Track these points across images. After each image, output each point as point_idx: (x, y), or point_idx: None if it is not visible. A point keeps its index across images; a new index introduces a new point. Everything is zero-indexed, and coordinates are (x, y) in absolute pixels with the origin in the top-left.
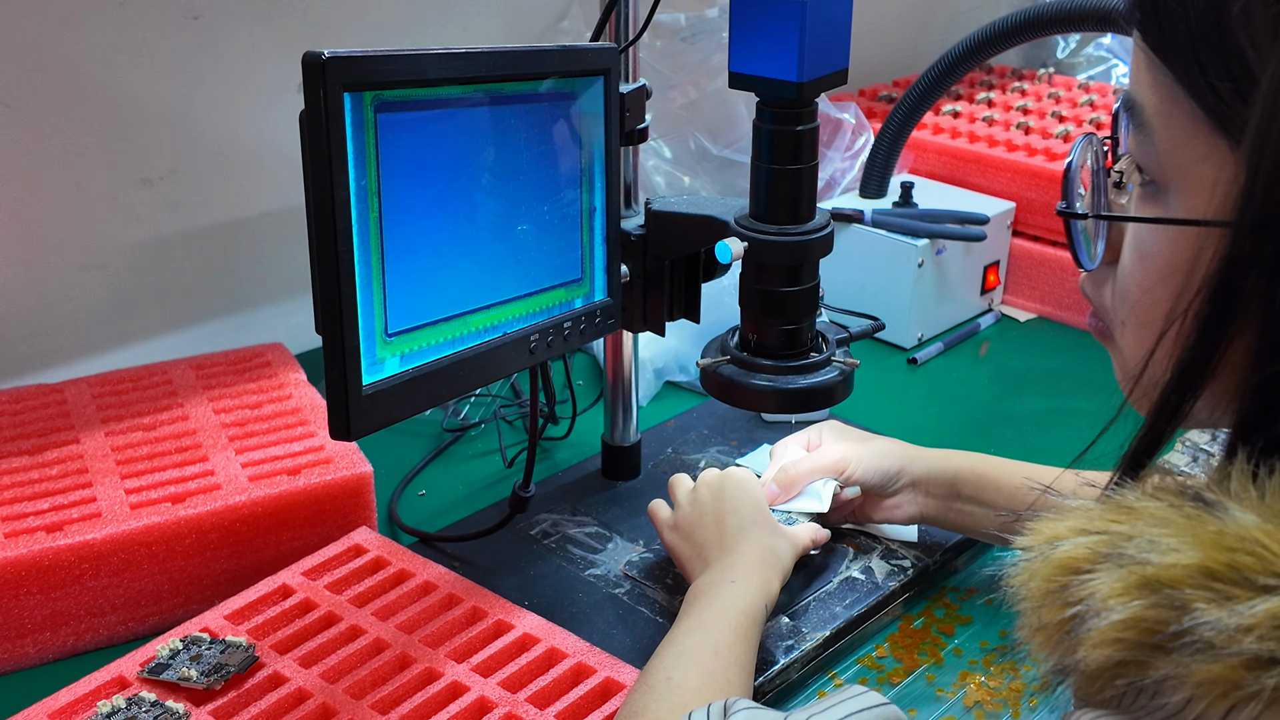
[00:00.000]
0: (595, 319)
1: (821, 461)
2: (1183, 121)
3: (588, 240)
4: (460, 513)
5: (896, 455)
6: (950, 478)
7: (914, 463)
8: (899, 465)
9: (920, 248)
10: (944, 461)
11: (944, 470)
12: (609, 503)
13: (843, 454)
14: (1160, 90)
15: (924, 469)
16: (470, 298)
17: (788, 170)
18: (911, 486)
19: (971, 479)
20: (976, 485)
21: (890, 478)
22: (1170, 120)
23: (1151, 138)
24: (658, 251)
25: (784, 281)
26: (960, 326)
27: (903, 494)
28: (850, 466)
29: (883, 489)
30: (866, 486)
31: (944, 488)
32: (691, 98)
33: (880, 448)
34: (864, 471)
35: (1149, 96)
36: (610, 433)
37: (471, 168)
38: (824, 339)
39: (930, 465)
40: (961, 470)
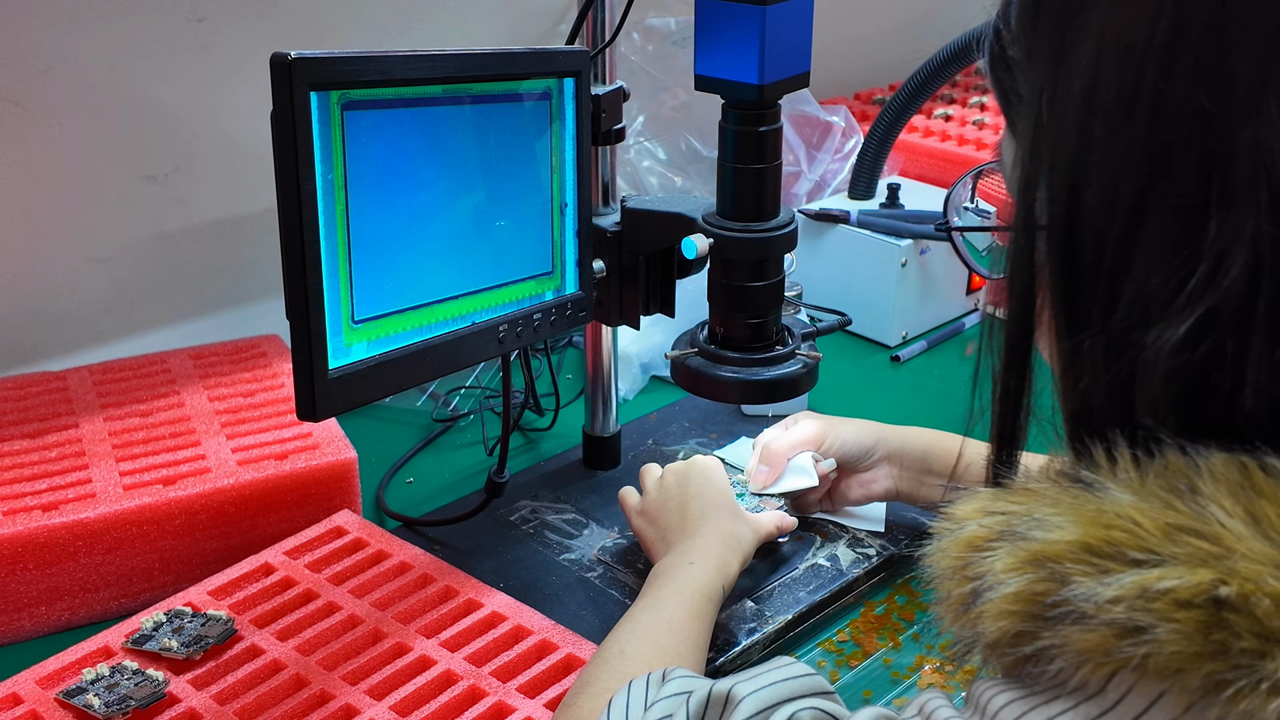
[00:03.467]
0: (566, 311)
1: (801, 435)
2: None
3: (559, 235)
4: (446, 500)
5: (871, 430)
6: (923, 453)
7: (888, 437)
8: (874, 439)
9: (904, 248)
10: (916, 437)
11: (917, 444)
12: (588, 491)
13: (820, 428)
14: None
15: (898, 443)
16: (439, 287)
17: (751, 169)
18: (886, 460)
19: (943, 454)
20: (946, 460)
21: (866, 451)
22: (1008, 144)
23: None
24: (632, 247)
25: (749, 276)
26: (944, 326)
27: (878, 468)
28: (828, 440)
29: (858, 463)
30: (843, 460)
31: (916, 462)
32: (682, 100)
33: (856, 425)
34: (841, 445)
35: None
36: (591, 423)
37: (440, 164)
38: (789, 333)
39: (904, 439)
40: (934, 446)
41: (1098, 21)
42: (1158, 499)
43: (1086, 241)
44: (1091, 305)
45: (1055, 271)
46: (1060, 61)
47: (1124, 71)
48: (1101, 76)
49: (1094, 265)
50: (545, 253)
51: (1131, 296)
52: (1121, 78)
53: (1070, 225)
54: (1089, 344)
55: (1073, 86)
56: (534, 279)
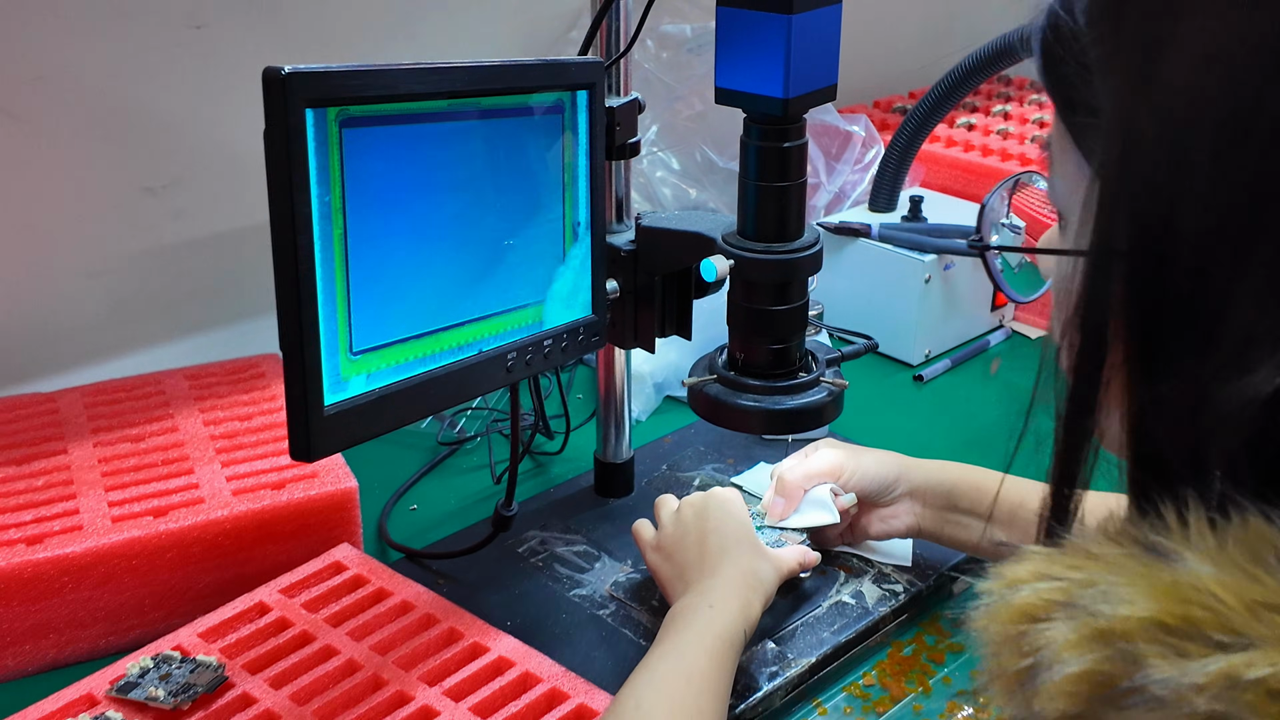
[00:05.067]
0: (578, 336)
1: (817, 466)
2: (1071, 155)
3: (572, 257)
4: (452, 527)
5: (894, 463)
6: (948, 489)
7: (911, 471)
8: (896, 473)
9: (927, 263)
10: (941, 472)
11: (941, 480)
12: (599, 520)
13: (839, 460)
14: (1058, 127)
15: (921, 477)
16: (443, 314)
17: (774, 187)
18: (909, 496)
19: (970, 490)
20: (974, 498)
21: (887, 486)
22: (1064, 155)
23: (1054, 172)
24: (648, 267)
25: (771, 300)
26: (969, 343)
27: (899, 504)
28: (847, 473)
29: (879, 497)
30: (863, 494)
31: (941, 499)
32: (698, 110)
33: (877, 456)
34: (860, 478)
35: (1054, 133)
36: (603, 449)
37: (445, 183)
38: (813, 358)
39: (928, 475)
40: (959, 482)
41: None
42: (1240, 571)
43: (1179, 277)
44: (1179, 348)
45: (1137, 309)
46: (1151, 71)
47: (1235, 87)
48: (1206, 91)
49: (1187, 304)
50: (557, 276)
51: (1232, 341)
52: (1232, 94)
53: (1160, 258)
54: (1171, 391)
55: (1169, 101)
56: (544, 303)
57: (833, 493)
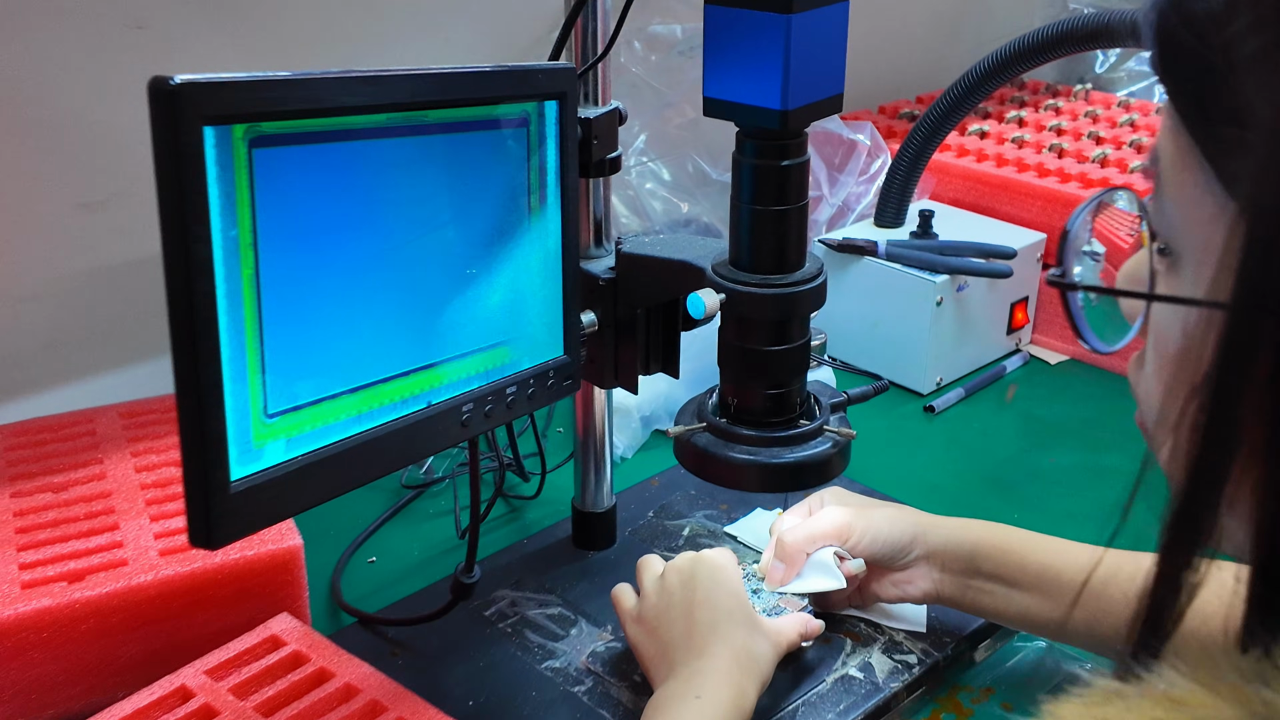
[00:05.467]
0: (548, 381)
1: (821, 527)
2: (1195, 175)
3: (539, 289)
4: (414, 583)
5: (908, 523)
6: (969, 551)
7: (928, 532)
8: (911, 534)
9: (939, 284)
10: (962, 532)
11: (962, 542)
12: (577, 577)
13: (846, 519)
14: (1176, 138)
15: (939, 540)
16: (382, 364)
17: (771, 212)
18: (925, 559)
19: (993, 553)
20: (999, 561)
21: (901, 549)
22: (1183, 173)
23: (1164, 193)
24: (629, 298)
25: (768, 339)
26: (984, 370)
27: (915, 568)
28: (855, 535)
29: (892, 561)
30: (874, 559)
31: (962, 562)
32: (689, 117)
33: (889, 514)
34: (870, 540)
35: (1166, 145)
36: (581, 497)
37: (385, 211)
38: (816, 402)
39: (947, 536)
40: (982, 542)
41: None
42: None
43: None
44: None
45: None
46: None
47: None
48: None
49: None
50: (521, 312)
51: None
52: None
53: None
54: None
55: None
56: (506, 344)
57: (838, 556)
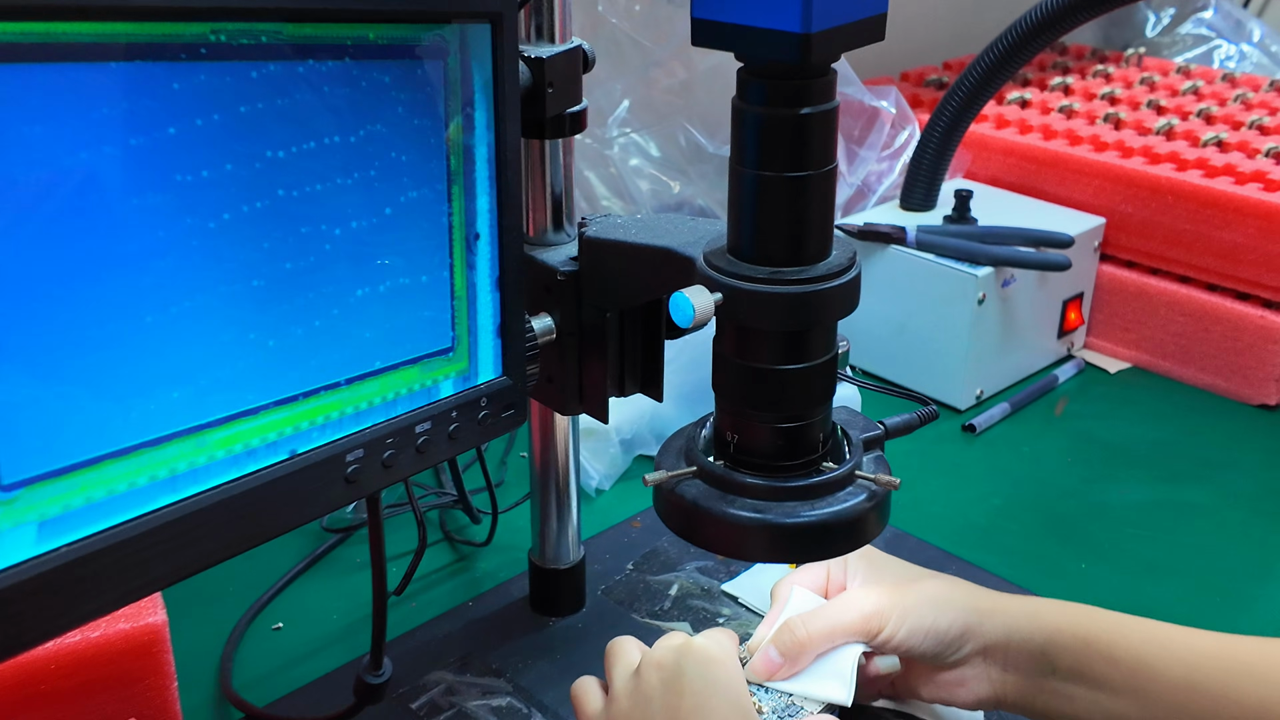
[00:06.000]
0: (479, 413)
1: (844, 618)
2: None
3: (463, 286)
4: (332, 657)
5: (959, 608)
6: (1041, 644)
7: (986, 620)
8: (963, 624)
9: (981, 278)
10: (1031, 619)
11: (1033, 633)
12: (534, 654)
13: (877, 605)
14: None
15: (1000, 630)
16: (211, 400)
17: (785, 181)
18: (982, 656)
19: (1073, 645)
20: (1080, 655)
21: (949, 643)
22: None
23: None
24: (597, 298)
25: (780, 354)
26: (1031, 380)
27: (969, 666)
28: (889, 625)
29: (938, 659)
30: (914, 655)
31: (1032, 659)
32: (681, 79)
33: (934, 593)
34: (909, 633)
35: None
36: (539, 550)
37: (194, 174)
38: (845, 438)
39: (1011, 625)
40: (1059, 632)
41: None
42: None
43: None
44: None
45: None
46: None
47: None
48: None
49: None
50: (439, 318)
51: None
52: None
53: None
54: None
55: None
56: (416, 363)
57: (863, 654)
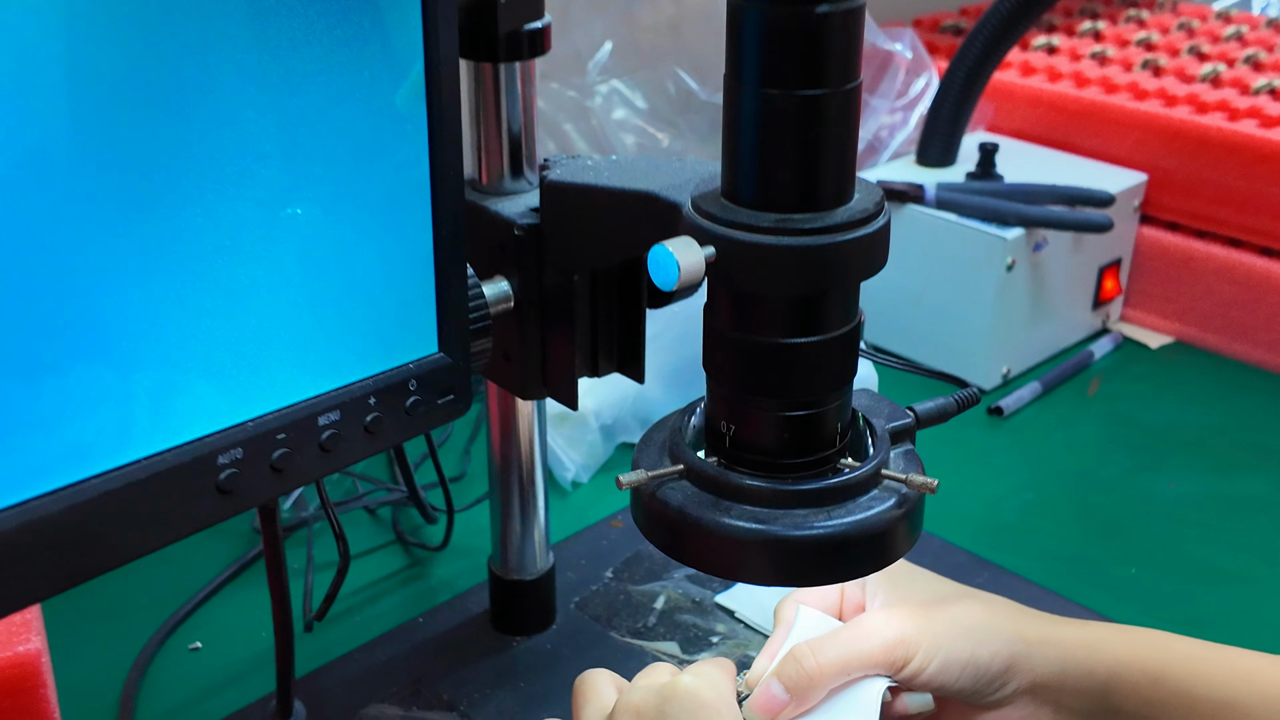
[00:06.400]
0: (409, 399)
1: (864, 647)
2: None
3: (393, 241)
4: (258, 685)
5: (1004, 636)
6: (1103, 682)
7: (1037, 651)
8: (1008, 656)
9: (1011, 241)
10: (1092, 651)
11: (1093, 668)
12: (493, 681)
13: (903, 631)
14: None
15: (1055, 664)
16: (31, 385)
17: (796, 101)
18: (1030, 695)
19: (1143, 683)
20: (1152, 696)
21: (991, 679)
22: None
23: None
24: (562, 257)
25: (789, 326)
26: (1064, 357)
27: (1013, 706)
28: (918, 656)
29: (977, 697)
30: (947, 692)
31: (1091, 700)
32: (669, 15)
33: (973, 618)
34: (943, 666)
35: None
36: (500, 559)
37: (65, 98)
38: (868, 429)
39: (1066, 658)
40: (1125, 667)
41: None
42: None
43: None
44: None
45: None
46: None
47: None
48: None
49: None
50: (353, 282)
51: None
52: None
53: None
54: None
55: None
56: (322, 340)
57: (887, 690)
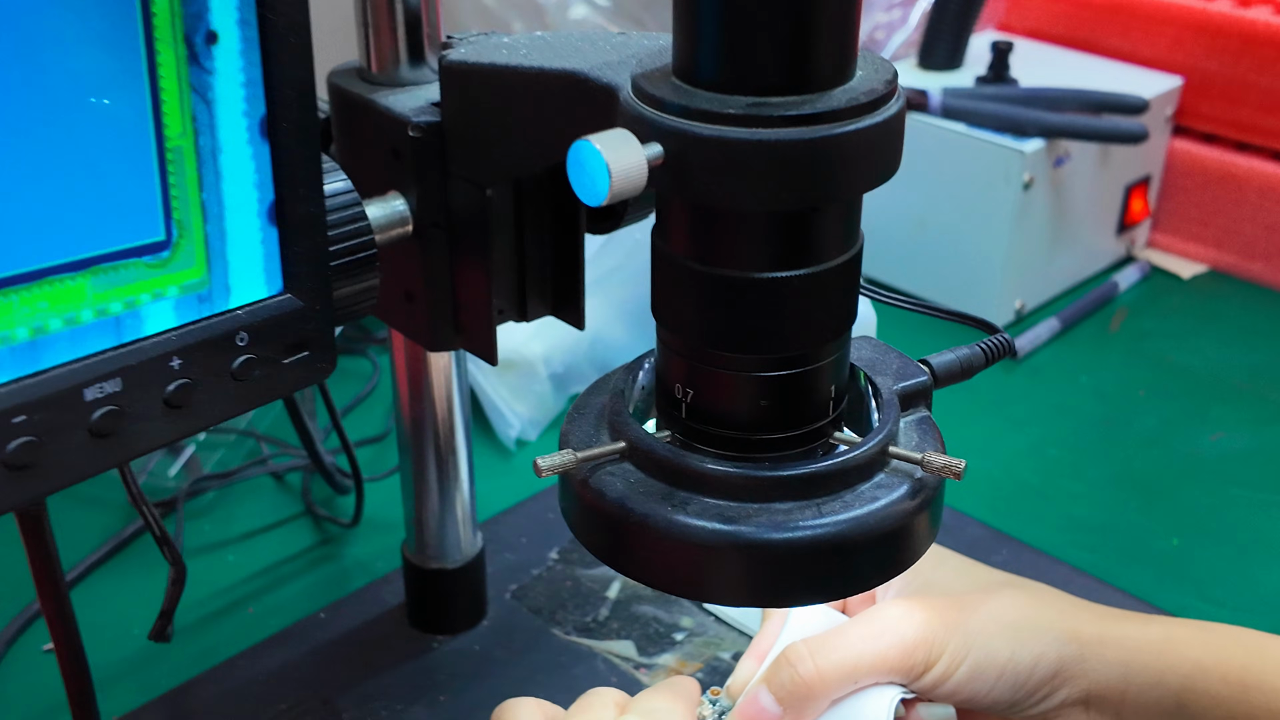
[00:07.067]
0: (239, 359)
1: (874, 648)
2: None
3: (186, 131)
4: (129, 693)
5: (1050, 635)
6: (1176, 691)
7: (1092, 654)
8: (1055, 659)
9: (1029, 155)
10: (1161, 653)
11: (1163, 673)
12: (406, 693)
13: (923, 630)
14: None
15: (1116, 670)
16: None
17: None
18: (1084, 707)
19: (1224, 693)
20: (1237, 708)
21: (1034, 687)
22: None
23: None
24: (469, 166)
25: (766, 254)
26: (1086, 288)
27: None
28: (943, 661)
29: (1015, 709)
30: (978, 705)
31: (1160, 713)
32: None
33: (1012, 612)
34: (973, 672)
35: None
36: (416, 543)
37: None
38: (871, 391)
39: (1130, 662)
40: (1203, 671)
41: None
42: None
43: None
44: None
45: None
46: None
47: None
48: None
49: None
50: (132, 188)
51: None
52: None
53: None
54: None
55: None
56: (89, 270)
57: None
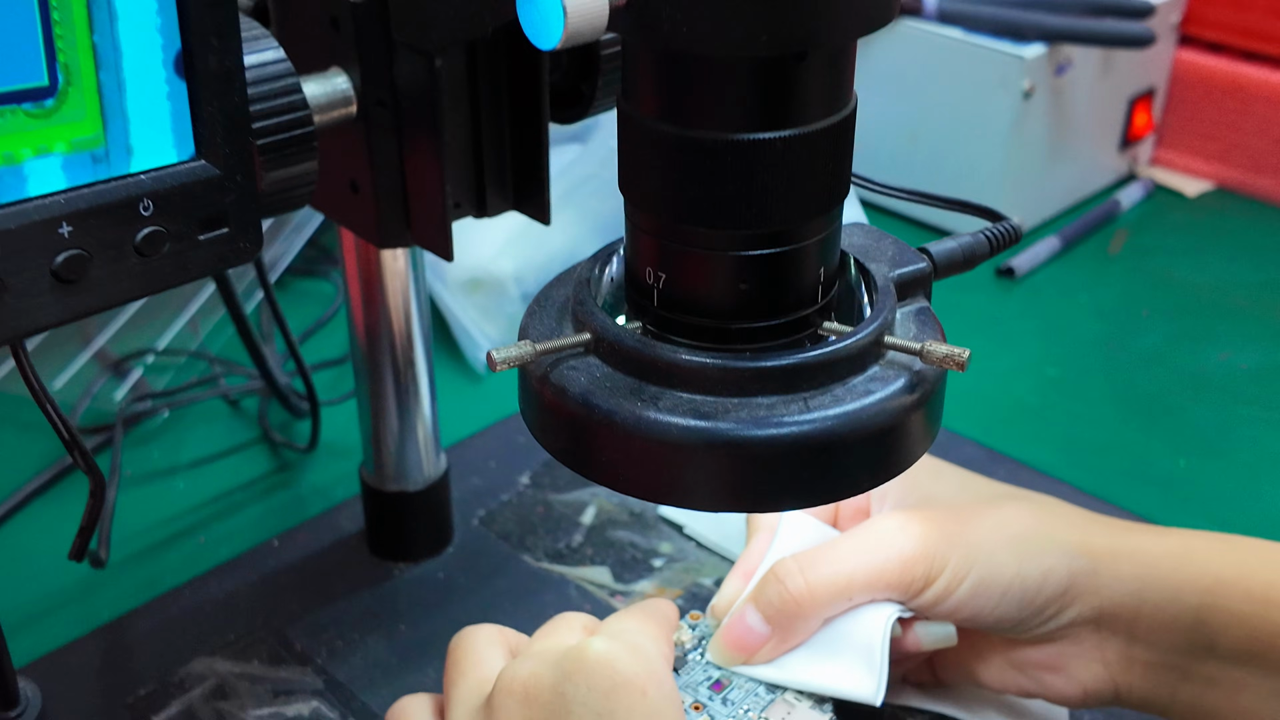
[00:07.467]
0: (143, 231)
1: (869, 563)
2: None
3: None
4: (63, 627)
5: (1059, 548)
6: (1195, 608)
7: (1104, 568)
8: (1065, 574)
9: (1029, 61)
10: (1179, 568)
11: (1180, 588)
12: (364, 627)
13: (922, 543)
14: None
15: (1129, 585)
16: None
17: None
18: (1094, 626)
19: (1246, 610)
20: (1260, 625)
21: (1043, 604)
22: None
23: None
24: (415, 32)
25: (745, 111)
26: (1086, 206)
27: (1069, 641)
28: (944, 576)
29: (1021, 629)
30: (982, 624)
31: (1177, 630)
32: None
33: (1017, 525)
34: (976, 588)
35: None
36: (375, 463)
37: None
38: (866, 280)
39: (1145, 576)
40: (1225, 587)
41: None
42: None
43: None
44: None
45: None
46: None
47: None
48: None
49: None
50: (19, 27)
51: None
52: None
53: None
54: None
55: None
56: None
57: (896, 619)
